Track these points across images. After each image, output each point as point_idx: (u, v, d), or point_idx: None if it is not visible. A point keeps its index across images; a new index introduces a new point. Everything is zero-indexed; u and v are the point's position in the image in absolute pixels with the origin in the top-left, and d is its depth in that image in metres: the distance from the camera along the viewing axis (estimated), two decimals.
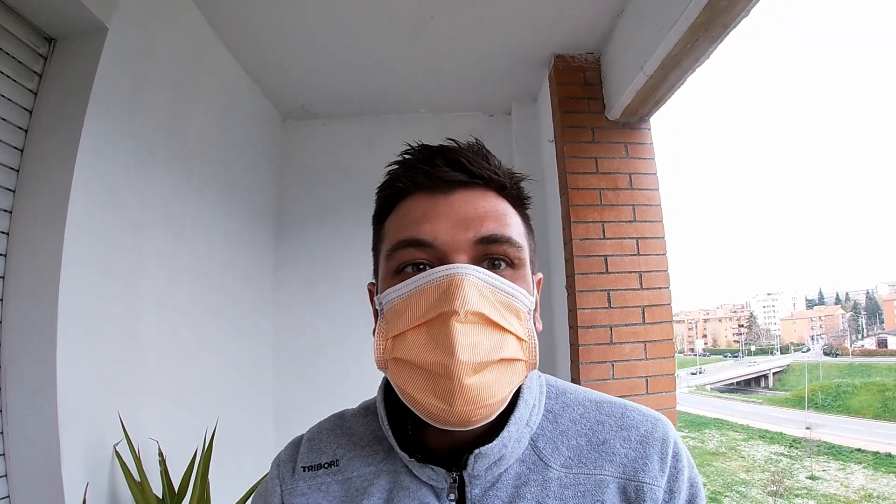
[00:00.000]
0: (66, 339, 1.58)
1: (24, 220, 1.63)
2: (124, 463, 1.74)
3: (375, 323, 0.76)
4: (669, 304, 2.61)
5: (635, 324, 2.53)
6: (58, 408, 1.54)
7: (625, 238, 2.59)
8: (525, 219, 0.80)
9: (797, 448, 33.96)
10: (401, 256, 0.72)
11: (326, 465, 0.81)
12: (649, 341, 2.53)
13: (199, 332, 2.41)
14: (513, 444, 0.73)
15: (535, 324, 0.75)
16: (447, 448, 0.74)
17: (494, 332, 0.67)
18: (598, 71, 2.84)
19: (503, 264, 0.72)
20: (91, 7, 1.72)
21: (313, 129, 3.62)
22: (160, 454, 1.89)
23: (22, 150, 1.69)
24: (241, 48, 2.75)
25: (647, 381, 2.49)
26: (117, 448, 1.76)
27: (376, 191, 0.82)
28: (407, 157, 0.78)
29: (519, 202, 0.80)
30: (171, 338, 2.20)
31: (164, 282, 2.16)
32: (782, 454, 33.26)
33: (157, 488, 1.83)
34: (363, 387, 3.27)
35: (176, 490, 1.88)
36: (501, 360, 0.67)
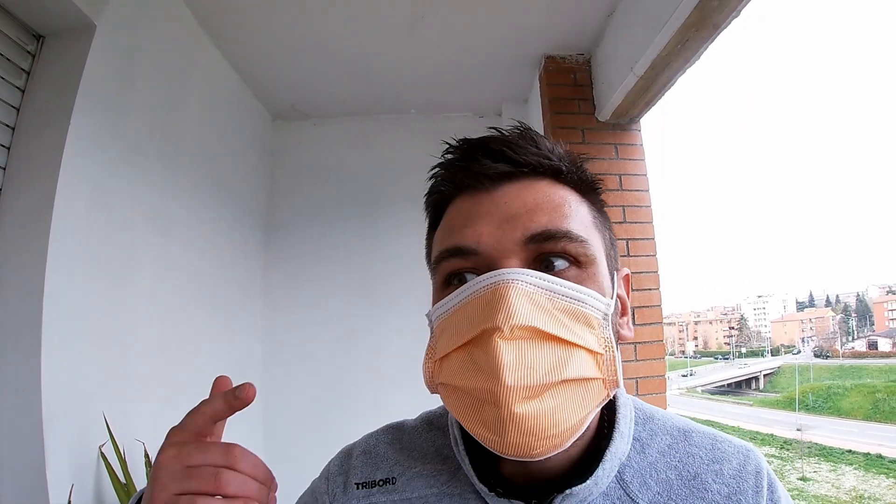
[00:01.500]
0: (51, 338, 1.56)
1: (9, 217, 1.61)
2: (109, 464, 1.72)
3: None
4: (660, 306, 2.60)
5: None
6: (42, 408, 1.52)
7: (615, 239, 2.59)
8: (595, 206, 0.70)
9: (788, 450, 34.12)
10: (445, 268, 0.64)
11: (381, 483, 0.72)
12: (639, 343, 2.53)
13: (186, 332, 2.40)
14: (604, 481, 0.64)
15: (621, 330, 0.67)
16: (526, 478, 0.65)
17: (555, 347, 0.56)
18: (588, 72, 2.84)
19: (565, 264, 0.61)
20: (80, 4, 1.71)
21: (304, 129, 3.60)
22: (146, 455, 1.87)
23: (9, 148, 1.67)
24: (232, 47, 2.74)
25: (637, 382, 2.49)
26: (102, 449, 1.74)
27: (424, 200, 0.73)
28: (447, 156, 0.69)
29: (586, 187, 0.69)
30: (158, 338, 2.18)
31: (152, 281, 2.14)
32: (773, 456, 33.37)
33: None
34: (353, 388, 3.26)
35: None
36: (565, 381, 0.56)
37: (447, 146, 0.69)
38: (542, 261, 0.61)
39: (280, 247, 3.41)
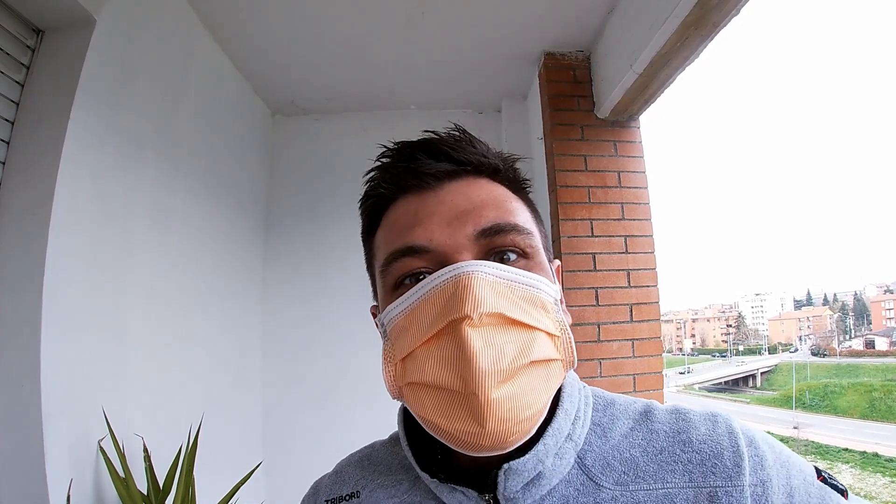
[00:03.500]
0: (51, 332, 1.57)
1: (9, 212, 1.61)
2: (109, 459, 1.73)
3: (384, 346, 0.68)
4: (657, 302, 2.62)
5: (623, 322, 2.54)
6: (41, 403, 1.52)
7: (613, 236, 2.60)
8: (528, 203, 0.72)
9: None
10: (397, 269, 0.64)
11: (347, 498, 0.74)
12: (637, 339, 2.54)
13: (185, 327, 2.40)
14: (552, 459, 0.63)
15: (564, 313, 0.66)
16: (477, 467, 0.65)
17: (519, 331, 0.58)
18: (587, 69, 2.84)
19: (514, 255, 0.63)
20: None
21: (303, 124, 3.61)
22: (145, 450, 1.87)
23: (8, 143, 1.67)
24: (232, 43, 2.74)
25: (634, 378, 2.50)
26: (101, 444, 1.74)
27: (359, 205, 0.75)
28: (385, 159, 0.70)
29: (517, 186, 0.72)
30: (158, 333, 2.18)
31: (151, 276, 2.14)
32: None
33: (141, 484, 1.82)
34: (351, 382, 3.26)
35: (161, 486, 1.87)
36: (532, 362, 0.57)
37: (383, 149, 0.70)
38: (494, 253, 0.63)
39: (279, 242, 3.41)
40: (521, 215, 0.66)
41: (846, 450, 32.37)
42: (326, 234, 3.41)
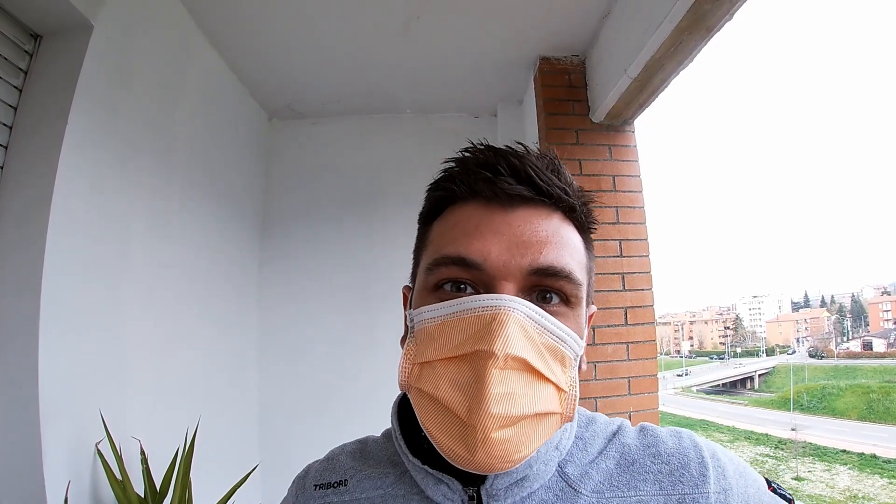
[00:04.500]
0: (49, 335, 1.58)
1: (7, 215, 1.63)
2: (106, 461, 1.74)
3: (405, 332, 0.71)
4: (652, 306, 2.62)
5: (618, 325, 2.55)
6: (39, 405, 1.53)
7: (608, 240, 2.61)
8: (589, 248, 0.72)
9: (783, 449, 34.16)
10: (441, 273, 0.64)
11: (336, 485, 0.77)
12: (632, 342, 2.55)
13: (182, 329, 2.41)
14: (539, 465, 0.67)
15: (580, 366, 0.69)
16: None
17: (534, 381, 0.60)
18: (582, 73, 2.85)
19: (556, 299, 0.64)
20: (77, 4, 1.72)
21: (299, 128, 3.62)
22: (142, 452, 1.88)
23: (6, 147, 1.68)
24: (228, 47, 2.75)
25: (629, 381, 2.51)
26: (99, 446, 1.75)
27: (427, 188, 0.73)
28: (467, 155, 0.69)
29: (585, 228, 0.71)
30: (155, 335, 2.19)
31: (148, 279, 2.15)
32: (768, 455, 33.44)
33: (138, 487, 1.83)
34: (348, 384, 3.27)
35: (158, 489, 1.88)
36: (537, 413, 0.59)
37: (470, 145, 0.69)
38: (538, 292, 0.64)
39: (275, 245, 3.42)
40: (578, 263, 0.67)
41: (844, 451, 32.36)
42: (323, 238, 3.43)
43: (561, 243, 0.64)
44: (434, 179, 0.72)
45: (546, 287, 0.63)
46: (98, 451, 1.75)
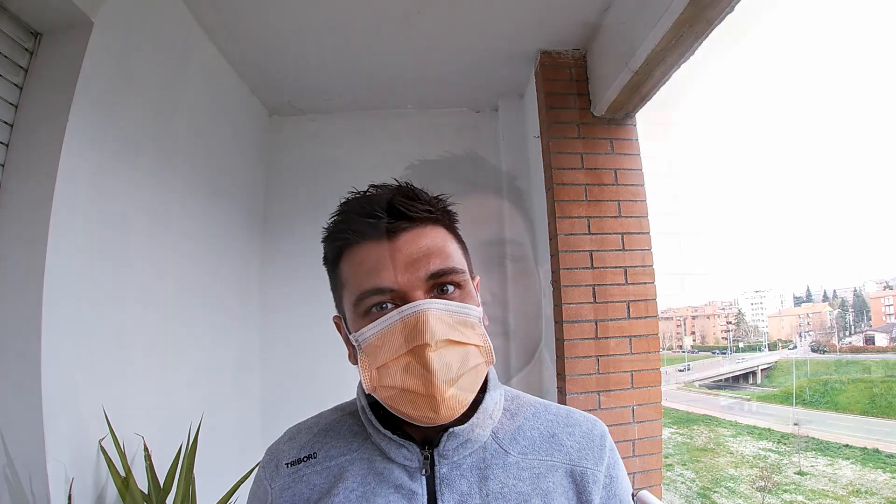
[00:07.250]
0: (51, 333, 1.58)
1: (8, 213, 1.63)
2: (109, 458, 1.74)
3: (350, 350, 0.90)
4: (654, 300, 2.62)
5: (620, 319, 2.55)
6: (42, 403, 1.54)
7: (610, 233, 2.61)
8: (458, 238, 0.94)
9: (785, 444, 34.05)
10: (367, 303, 0.84)
11: (306, 459, 0.93)
12: (634, 336, 2.54)
13: (184, 326, 2.41)
14: (479, 430, 0.89)
15: (483, 323, 0.90)
16: (420, 433, 0.89)
17: (459, 348, 0.82)
18: (583, 67, 2.84)
19: (452, 288, 0.86)
20: (77, 1, 1.72)
21: (300, 124, 3.60)
22: (145, 449, 1.89)
23: (7, 145, 1.68)
24: (228, 44, 2.74)
25: (632, 375, 2.51)
26: (102, 443, 1.75)
27: (323, 238, 1.00)
28: (347, 209, 0.93)
29: (451, 225, 0.94)
30: (157, 332, 2.19)
31: (150, 276, 2.15)
32: (770, 450, 33.26)
33: (142, 483, 1.83)
34: (350, 381, 3.26)
35: (161, 485, 1.88)
36: (469, 369, 0.83)
37: (350, 196, 0.96)
38: (437, 289, 0.85)
39: (276, 242, 3.41)
40: (456, 256, 0.89)
41: (847, 446, 32.18)
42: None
43: (439, 249, 0.86)
44: (326, 231, 0.98)
45: (441, 283, 0.85)
46: (101, 447, 1.75)
